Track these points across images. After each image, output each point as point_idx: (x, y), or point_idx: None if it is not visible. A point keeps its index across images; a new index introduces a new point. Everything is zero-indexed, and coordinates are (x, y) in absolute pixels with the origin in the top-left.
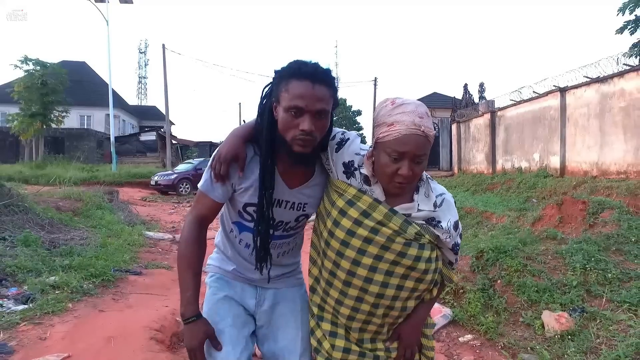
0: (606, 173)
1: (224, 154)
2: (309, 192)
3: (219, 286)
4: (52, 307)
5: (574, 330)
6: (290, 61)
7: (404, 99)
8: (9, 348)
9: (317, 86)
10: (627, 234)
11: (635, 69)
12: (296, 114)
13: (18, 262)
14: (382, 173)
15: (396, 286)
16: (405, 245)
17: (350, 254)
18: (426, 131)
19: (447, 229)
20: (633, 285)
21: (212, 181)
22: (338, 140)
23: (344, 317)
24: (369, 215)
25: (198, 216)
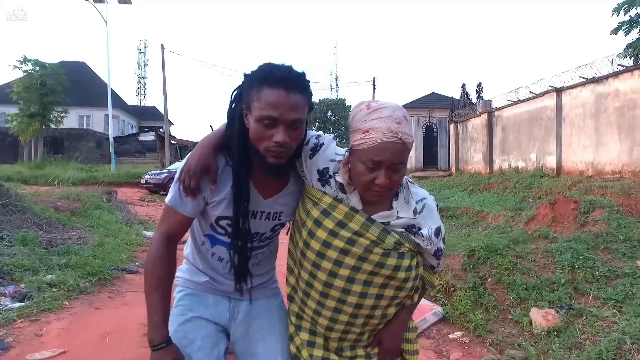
0: (601, 173)
1: (194, 166)
2: (284, 201)
3: (187, 305)
4: (48, 304)
5: (560, 326)
6: (261, 64)
7: (380, 102)
8: (5, 344)
9: (291, 94)
10: (616, 232)
11: (629, 69)
12: (269, 125)
13: (15, 260)
14: (358, 182)
15: (375, 296)
16: (383, 255)
17: (326, 266)
18: (404, 138)
19: (427, 237)
20: (619, 283)
21: (182, 195)
22: (312, 146)
23: (323, 327)
24: (345, 225)
25: (167, 233)
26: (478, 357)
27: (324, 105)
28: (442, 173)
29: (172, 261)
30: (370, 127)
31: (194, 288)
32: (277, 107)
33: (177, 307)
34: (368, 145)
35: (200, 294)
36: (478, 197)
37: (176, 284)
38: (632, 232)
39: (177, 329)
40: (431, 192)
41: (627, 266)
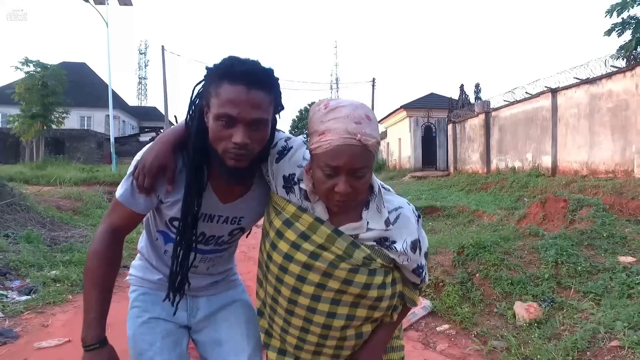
0: (595, 172)
1: (149, 163)
2: (245, 206)
3: (142, 306)
4: (53, 298)
5: (542, 318)
6: (224, 58)
7: (339, 101)
8: (14, 333)
9: (252, 91)
10: (600, 229)
11: (622, 70)
12: (227, 124)
13: (21, 257)
14: (318, 190)
15: (345, 316)
16: (351, 271)
17: (289, 281)
18: (363, 140)
19: (402, 251)
20: (600, 277)
21: (134, 192)
22: (279, 149)
23: (291, 347)
24: (308, 237)
25: (112, 226)
26: (463, 347)
27: None
28: (440, 173)
29: (117, 256)
30: (327, 128)
31: (147, 287)
32: (236, 104)
33: (133, 309)
34: (324, 148)
35: (154, 293)
36: (475, 196)
37: (129, 282)
38: (615, 229)
39: (135, 332)
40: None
41: (608, 262)
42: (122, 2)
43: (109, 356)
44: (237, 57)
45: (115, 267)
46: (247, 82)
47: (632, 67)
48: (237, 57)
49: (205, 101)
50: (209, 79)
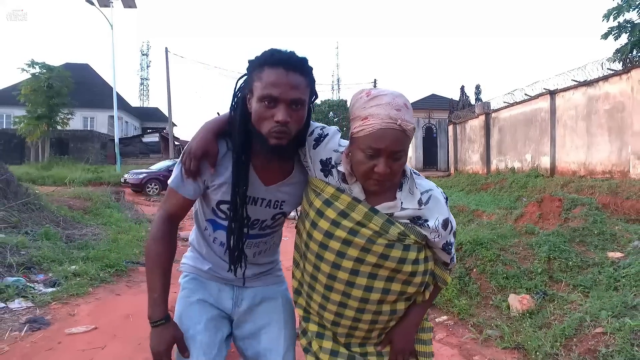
0: (593, 173)
1: (194, 149)
2: (287, 190)
3: (192, 288)
4: (75, 290)
5: (534, 309)
6: (264, 50)
7: (380, 90)
8: (46, 321)
9: (291, 73)
10: (592, 227)
11: (618, 73)
12: (270, 104)
13: (42, 253)
14: (357, 171)
15: (382, 290)
16: (387, 247)
17: (329, 257)
18: (403, 125)
19: (434, 228)
20: (589, 272)
21: (183, 177)
22: (316, 136)
23: (329, 322)
24: (347, 215)
25: (168, 213)
26: (460, 336)
27: (326, 106)
28: (441, 173)
29: (173, 240)
30: (369, 114)
31: (198, 275)
32: (278, 85)
33: (184, 290)
34: (367, 132)
35: (204, 281)
36: (475, 196)
37: (181, 270)
38: (606, 227)
39: (184, 310)
40: None
41: (597, 257)
42: (127, 4)
43: (174, 330)
44: (276, 48)
45: (173, 250)
46: (286, 66)
47: (627, 70)
48: (275, 47)
49: (249, 88)
50: (251, 68)
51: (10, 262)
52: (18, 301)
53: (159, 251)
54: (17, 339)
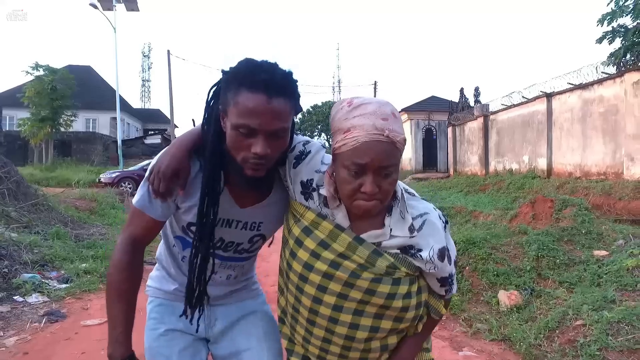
0: (588, 174)
1: (164, 167)
2: (265, 211)
3: (158, 318)
4: (87, 286)
5: (521, 304)
6: (241, 61)
7: (363, 98)
8: (62, 314)
9: (274, 100)
10: (580, 227)
11: (612, 76)
12: (247, 134)
13: (54, 251)
14: (342, 191)
15: (369, 328)
16: (373, 281)
17: (309, 291)
18: (391, 136)
19: (429, 259)
20: (575, 269)
21: (151, 197)
22: (297, 154)
23: (314, 357)
24: (328, 246)
25: (132, 237)
26: (451, 330)
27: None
28: (441, 175)
29: (138, 268)
30: (352, 125)
31: (164, 297)
32: (257, 115)
33: (150, 321)
34: (350, 146)
35: (171, 304)
36: (473, 197)
37: (147, 293)
38: (593, 227)
39: (152, 344)
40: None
41: (584, 255)
42: (129, 8)
43: None
44: (255, 60)
45: (138, 279)
46: (268, 91)
47: (621, 74)
48: (254, 61)
49: (223, 107)
50: (226, 83)
51: (26, 260)
52: (35, 296)
53: (121, 281)
54: (38, 329)
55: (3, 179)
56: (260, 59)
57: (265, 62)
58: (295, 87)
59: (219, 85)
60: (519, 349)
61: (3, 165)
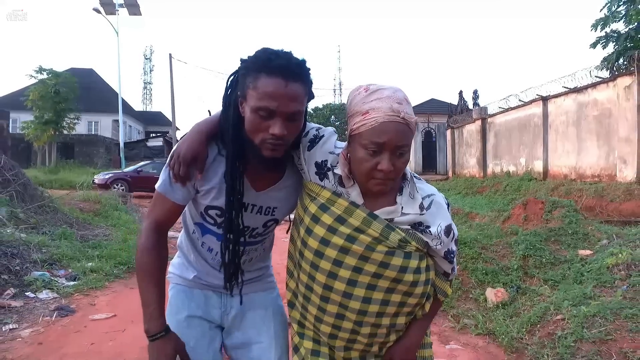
0: (583, 176)
1: (184, 152)
2: (279, 195)
3: (179, 304)
4: (94, 284)
5: (507, 301)
6: (258, 50)
7: (379, 85)
8: (71, 309)
9: (290, 84)
10: (567, 227)
11: (605, 80)
12: (266, 116)
13: (61, 251)
14: (359, 170)
15: (380, 301)
16: (387, 254)
17: (325, 266)
18: (406, 117)
19: (437, 235)
20: (560, 268)
21: (171, 181)
22: (311, 138)
23: (325, 336)
24: (344, 221)
25: (156, 221)
26: (440, 325)
27: (327, 110)
28: (440, 177)
29: (164, 249)
30: (370, 107)
31: (184, 284)
32: (275, 97)
33: (170, 306)
34: (369, 126)
35: (191, 290)
36: (471, 199)
37: (168, 279)
38: (580, 227)
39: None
40: None
41: (569, 254)
42: (132, 12)
43: (175, 341)
44: (272, 49)
45: (165, 260)
46: (285, 75)
47: (614, 78)
48: (271, 49)
49: (241, 92)
50: (245, 70)
51: (35, 259)
52: (45, 292)
53: (150, 263)
54: (49, 322)
55: (11, 182)
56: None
57: (281, 50)
58: (309, 74)
59: (237, 74)
60: (501, 342)
61: (11, 168)
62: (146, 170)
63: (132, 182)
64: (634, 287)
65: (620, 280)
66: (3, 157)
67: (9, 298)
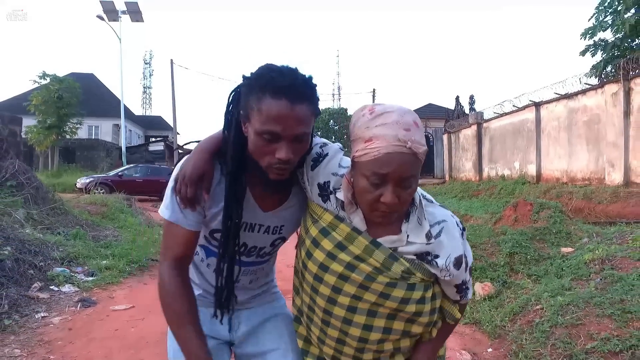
0: (574, 180)
1: (189, 172)
2: (286, 215)
3: None
4: (110, 279)
5: (493, 294)
6: (262, 67)
7: (385, 106)
8: (93, 301)
9: (296, 105)
10: (551, 227)
11: (594, 87)
12: (271, 139)
13: (77, 250)
14: (361, 200)
15: (382, 329)
16: (388, 285)
17: (324, 291)
18: (414, 148)
19: (444, 267)
20: (543, 264)
21: (180, 207)
22: (314, 156)
23: (329, 357)
24: (345, 248)
25: (175, 258)
26: None
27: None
28: (437, 181)
29: (190, 289)
30: (374, 135)
31: None
32: (281, 121)
33: None
34: (372, 156)
35: None
36: (466, 202)
37: None
38: (563, 227)
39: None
40: None
41: (552, 252)
42: (134, 19)
43: None
44: (276, 66)
45: (194, 298)
46: (290, 97)
47: (602, 85)
48: (275, 66)
49: (244, 113)
50: (247, 89)
51: (55, 257)
52: (68, 286)
53: (180, 309)
54: (75, 312)
55: (25, 185)
56: (280, 64)
57: (286, 67)
58: (315, 92)
59: (240, 90)
60: (486, 329)
61: (24, 172)
62: (128, 174)
63: (112, 185)
64: (606, 279)
65: (594, 273)
66: (17, 161)
67: (37, 290)
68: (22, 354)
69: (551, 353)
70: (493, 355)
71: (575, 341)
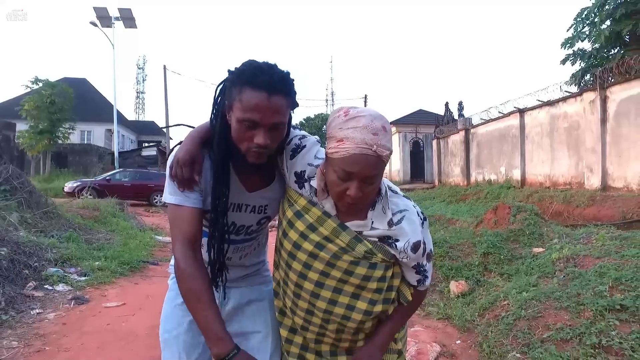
0: (556, 184)
1: (182, 156)
2: (270, 195)
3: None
4: (103, 279)
5: (467, 292)
6: (245, 63)
7: (359, 110)
8: (86, 298)
9: (273, 97)
10: (525, 229)
11: (573, 95)
12: (250, 127)
13: (70, 252)
14: (331, 190)
15: (346, 305)
16: (352, 263)
17: (296, 267)
18: (379, 151)
19: (403, 250)
20: (515, 263)
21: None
22: (293, 147)
23: (299, 326)
24: (315, 229)
25: (185, 239)
26: None
27: (319, 120)
28: (427, 185)
29: (202, 267)
30: (345, 136)
31: None
32: (258, 110)
33: (170, 292)
34: (341, 155)
35: None
36: (453, 206)
37: (169, 272)
38: (536, 229)
39: (168, 312)
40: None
41: (524, 252)
42: (128, 25)
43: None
44: (257, 62)
45: (207, 278)
46: (268, 89)
47: (581, 93)
48: (256, 62)
49: (228, 103)
50: (231, 82)
51: (49, 258)
52: (61, 285)
53: (197, 288)
54: (69, 309)
55: (18, 189)
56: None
57: (266, 63)
58: (291, 86)
59: (225, 83)
60: (456, 323)
61: (18, 176)
62: (116, 178)
63: (99, 189)
64: (567, 276)
65: (559, 271)
66: (11, 166)
67: (32, 289)
68: (20, 346)
69: (512, 343)
70: (460, 346)
71: (534, 332)
